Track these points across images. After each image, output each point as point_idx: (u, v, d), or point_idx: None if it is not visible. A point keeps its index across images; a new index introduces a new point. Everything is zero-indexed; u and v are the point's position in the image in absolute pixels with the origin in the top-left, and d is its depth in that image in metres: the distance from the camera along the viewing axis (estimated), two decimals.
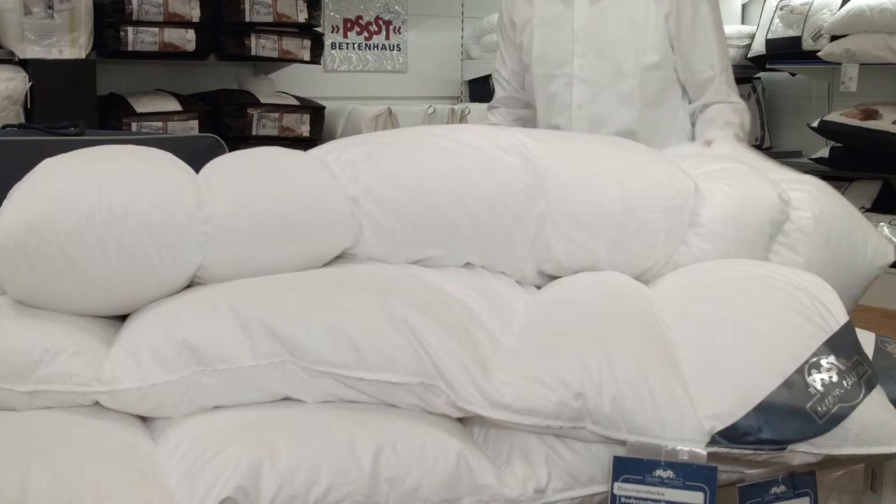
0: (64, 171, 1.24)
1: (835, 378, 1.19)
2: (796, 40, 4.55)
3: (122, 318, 1.27)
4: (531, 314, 1.31)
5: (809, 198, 1.53)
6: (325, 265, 1.35)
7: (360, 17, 4.36)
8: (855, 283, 1.57)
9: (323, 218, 1.30)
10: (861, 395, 1.18)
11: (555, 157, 1.42)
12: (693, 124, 2.33)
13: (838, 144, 4.26)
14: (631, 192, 1.41)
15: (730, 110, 2.33)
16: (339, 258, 1.36)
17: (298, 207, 1.29)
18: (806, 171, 1.70)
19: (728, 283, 1.34)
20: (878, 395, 1.20)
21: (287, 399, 1.17)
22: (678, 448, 1.13)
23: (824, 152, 4.29)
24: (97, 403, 1.15)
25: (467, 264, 1.39)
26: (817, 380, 1.18)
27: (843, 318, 1.28)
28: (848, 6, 4.23)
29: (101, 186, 1.21)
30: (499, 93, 2.59)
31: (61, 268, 1.18)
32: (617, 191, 1.40)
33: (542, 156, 1.41)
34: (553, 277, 1.43)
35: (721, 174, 1.53)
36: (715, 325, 1.25)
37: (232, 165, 1.36)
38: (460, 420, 1.19)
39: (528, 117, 2.49)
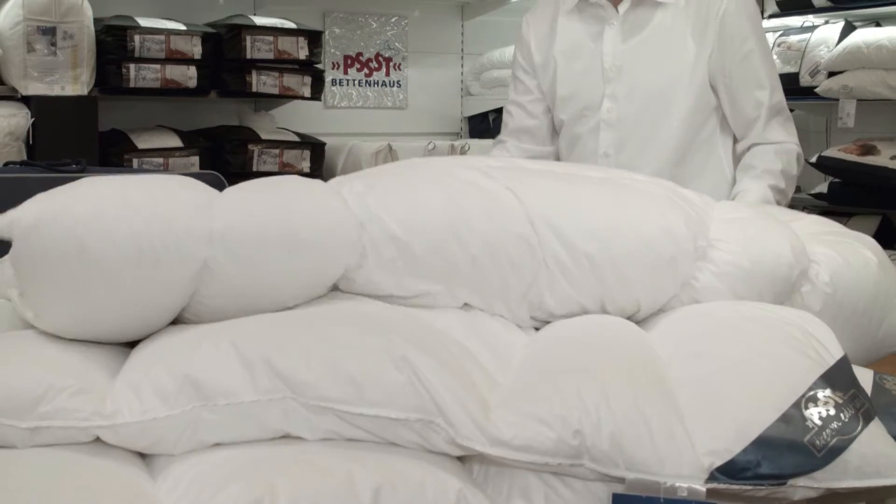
0: (81, 182, 1.29)
1: (832, 411, 1.19)
2: (794, 76, 4.57)
3: (128, 349, 1.28)
4: (529, 353, 1.31)
5: (831, 268, 1.49)
6: (326, 299, 1.35)
7: (360, 54, 4.40)
8: (856, 360, 1.48)
9: (329, 233, 1.31)
10: (859, 428, 1.18)
11: (552, 206, 1.41)
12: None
13: (837, 180, 4.27)
14: (623, 251, 1.39)
15: (772, 153, 2.14)
16: (340, 288, 1.37)
17: (305, 220, 1.30)
18: (805, 207, 1.68)
19: (723, 321, 1.35)
20: (876, 428, 1.20)
21: (287, 437, 1.17)
22: (677, 485, 1.13)
23: (823, 188, 4.30)
24: (98, 439, 1.15)
25: (465, 305, 1.39)
26: (814, 413, 1.18)
27: (838, 352, 1.28)
28: (845, 43, 4.26)
29: (118, 184, 1.26)
30: (510, 124, 2.37)
31: (71, 252, 1.19)
32: (610, 248, 1.38)
33: (536, 201, 1.40)
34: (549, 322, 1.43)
35: (739, 226, 1.49)
36: (711, 363, 1.25)
37: (243, 185, 1.39)
38: (460, 459, 1.19)
39: (541, 156, 2.28)
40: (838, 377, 1.23)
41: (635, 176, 1.63)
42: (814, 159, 4.26)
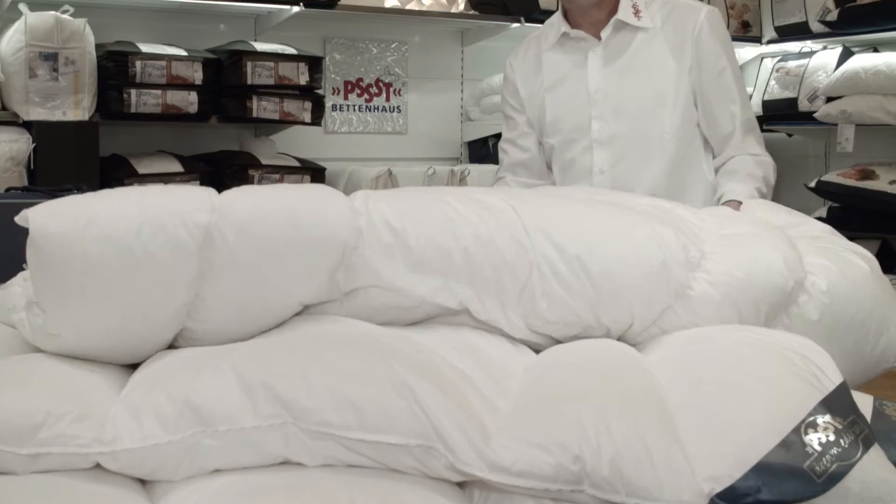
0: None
1: (832, 437, 1.18)
2: (792, 101, 4.60)
3: (128, 371, 1.28)
4: (529, 377, 1.31)
5: (828, 279, 1.50)
6: (327, 321, 1.36)
7: (360, 80, 4.42)
8: (854, 375, 1.52)
9: (325, 207, 1.34)
10: (859, 454, 1.18)
11: (547, 217, 1.44)
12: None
13: (836, 204, 4.29)
14: (613, 255, 1.41)
15: (752, 162, 2.26)
16: (342, 289, 1.37)
17: (302, 198, 1.34)
18: None
19: (723, 346, 1.35)
20: (876, 454, 1.20)
21: (287, 462, 1.17)
22: None
23: (822, 212, 4.31)
24: (98, 466, 1.15)
25: (465, 312, 1.40)
26: (814, 439, 1.18)
27: (837, 378, 1.28)
28: (843, 68, 4.29)
29: (119, 189, 1.32)
30: (505, 160, 2.49)
31: (78, 214, 1.22)
32: (600, 252, 1.41)
33: (531, 212, 1.43)
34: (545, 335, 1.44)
35: (733, 241, 1.51)
36: (711, 388, 1.26)
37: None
38: (460, 485, 1.19)
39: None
40: (838, 403, 1.23)
41: (632, 199, 1.67)
42: (813, 184, 4.27)
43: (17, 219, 1.23)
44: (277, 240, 1.29)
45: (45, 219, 1.22)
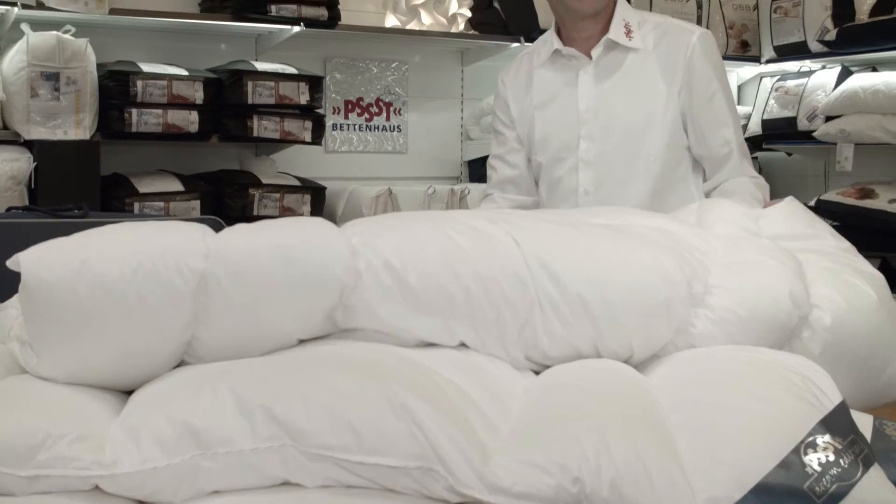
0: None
1: (831, 457, 1.18)
2: (792, 121, 4.61)
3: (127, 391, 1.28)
4: (529, 398, 1.31)
5: (833, 314, 1.48)
6: (325, 343, 1.36)
7: (360, 99, 4.43)
8: (856, 404, 1.47)
9: (322, 249, 1.33)
10: (859, 474, 1.17)
11: (548, 248, 1.42)
12: None
13: (836, 223, 4.28)
14: (615, 293, 1.40)
15: (751, 184, 2.24)
16: (340, 325, 1.37)
17: (299, 238, 1.33)
18: None
19: (722, 367, 1.35)
20: (876, 474, 1.20)
21: (286, 484, 1.17)
22: None
23: None
24: (97, 488, 1.15)
25: (462, 345, 1.39)
26: (814, 459, 1.18)
27: (836, 397, 1.28)
28: (842, 87, 4.30)
29: (117, 226, 1.32)
30: (493, 177, 2.50)
31: (75, 281, 1.21)
32: (602, 290, 1.39)
33: (533, 244, 1.42)
34: (545, 366, 1.43)
35: (739, 271, 1.49)
36: (710, 409, 1.25)
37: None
38: None
39: (527, 205, 2.37)
40: (837, 423, 1.23)
41: (640, 221, 1.64)
42: (813, 203, 4.28)
43: (9, 263, 1.23)
44: (274, 285, 1.29)
45: (37, 264, 1.22)
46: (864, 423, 1.31)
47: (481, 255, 1.38)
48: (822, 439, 1.20)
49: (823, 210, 4.25)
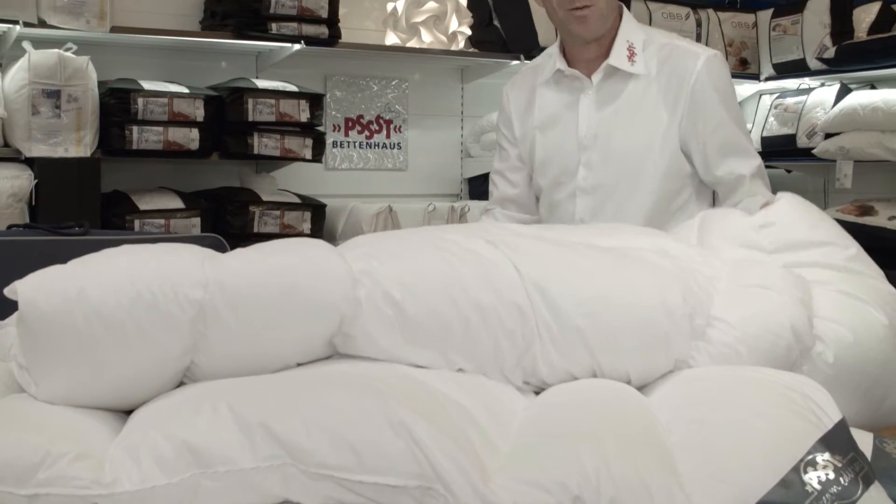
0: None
1: (831, 475, 1.18)
2: (791, 138, 4.62)
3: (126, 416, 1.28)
4: (529, 417, 1.31)
5: (837, 348, 1.47)
6: (324, 361, 1.36)
7: (361, 117, 4.44)
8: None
9: (322, 277, 1.32)
10: (859, 492, 1.17)
11: (548, 275, 1.41)
12: None
13: None
14: (614, 326, 1.39)
15: (762, 201, 2.11)
16: (340, 351, 1.37)
17: (299, 265, 1.33)
18: None
19: (721, 385, 1.35)
20: (876, 492, 1.19)
21: (286, 502, 1.16)
22: None
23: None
24: None
25: (459, 370, 1.39)
26: (814, 478, 1.18)
27: (836, 415, 1.28)
28: (841, 105, 4.31)
29: (115, 252, 1.31)
30: (494, 193, 2.47)
31: (72, 310, 1.21)
32: (601, 322, 1.39)
33: (533, 270, 1.41)
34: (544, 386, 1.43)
35: (744, 300, 1.48)
36: (710, 427, 1.25)
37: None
38: None
39: (528, 223, 2.26)
40: (837, 441, 1.23)
41: (644, 243, 1.62)
42: None
43: (6, 291, 1.23)
44: (273, 315, 1.29)
45: (34, 294, 1.22)
46: (864, 441, 1.31)
47: (482, 284, 1.37)
48: (822, 457, 1.20)
49: None
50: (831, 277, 1.59)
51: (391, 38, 4.21)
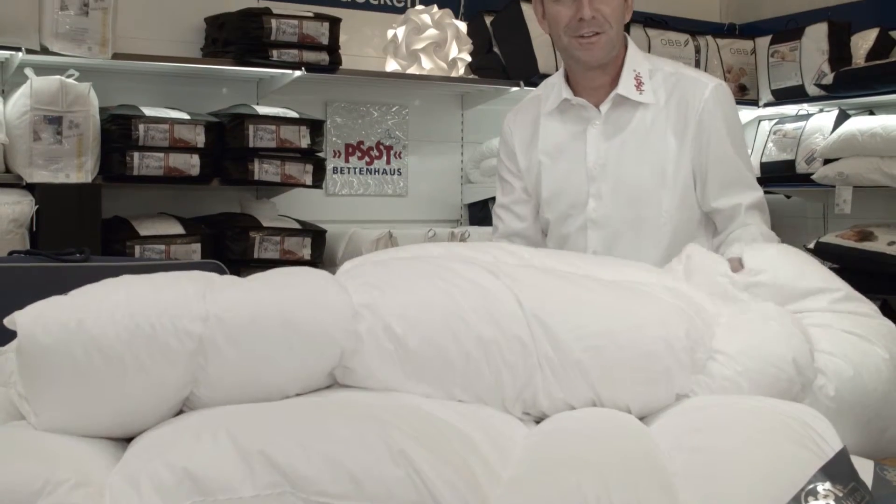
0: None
1: None
2: (790, 163, 4.63)
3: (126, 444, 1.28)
4: (530, 444, 1.31)
5: (839, 382, 1.46)
6: (325, 390, 1.35)
7: (361, 143, 4.45)
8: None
9: (323, 313, 1.32)
10: None
11: (550, 308, 1.41)
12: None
13: (835, 265, 4.29)
14: (616, 361, 1.39)
15: (758, 235, 2.15)
16: (339, 382, 1.37)
17: (299, 299, 1.33)
18: None
19: (722, 414, 1.35)
20: None
21: None
22: None
23: None
24: None
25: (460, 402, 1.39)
26: None
27: (837, 444, 1.28)
28: (839, 130, 4.32)
29: (115, 282, 1.31)
30: (500, 227, 2.43)
31: (67, 320, 1.21)
32: (603, 357, 1.38)
33: (535, 302, 1.41)
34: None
35: (745, 335, 1.47)
36: (711, 456, 1.25)
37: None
38: None
39: None
40: (838, 470, 1.22)
41: (648, 277, 1.61)
42: (812, 245, 4.29)
43: (6, 321, 1.24)
44: (273, 348, 1.30)
45: (33, 326, 1.23)
46: (865, 468, 1.30)
47: (483, 317, 1.37)
48: (823, 487, 1.19)
49: (823, 252, 4.26)
50: (826, 319, 1.59)
51: (391, 65, 4.23)
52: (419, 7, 4.27)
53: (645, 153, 2.19)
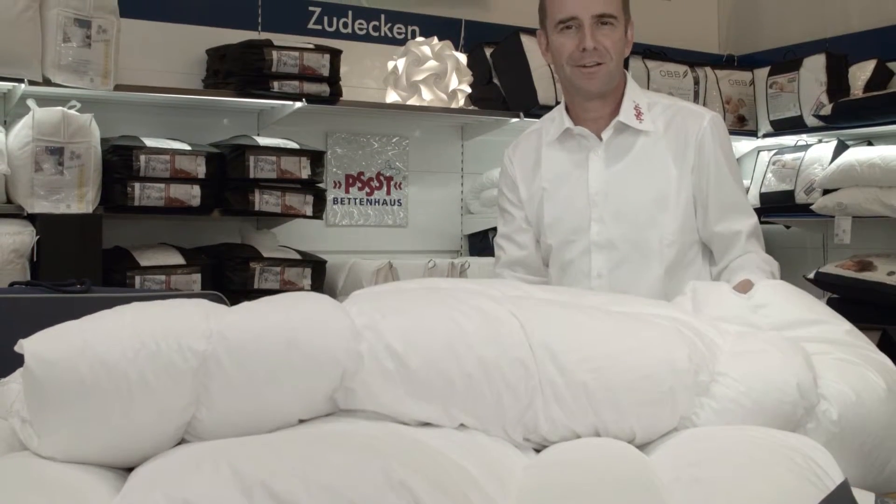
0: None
1: None
2: (789, 194, 4.65)
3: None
4: (529, 477, 1.30)
5: (841, 407, 1.45)
6: (325, 420, 1.35)
7: (361, 174, 4.46)
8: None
9: (325, 332, 1.33)
10: None
11: (553, 331, 1.41)
12: None
13: (835, 296, 4.29)
14: (620, 382, 1.39)
15: (760, 261, 2.22)
16: (340, 407, 1.37)
17: (302, 319, 1.33)
18: None
19: (723, 445, 1.34)
20: None
21: None
22: None
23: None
24: None
25: (461, 426, 1.39)
26: None
27: (838, 477, 1.27)
28: (838, 161, 4.34)
29: (119, 310, 1.31)
30: (502, 257, 2.47)
31: (73, 342, 1.22)
32: (606, 379, 1.38)
33: (538, 327, 1.41)
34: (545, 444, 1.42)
35: (748, 360, 1.47)
36: (711, 488, 1.24)
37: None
38: None
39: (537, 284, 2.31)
40: (839, 502, 1.22)
41: (649, 308, 1.63)
42: (811, 275, 4.29)
43: (16, 347, 1.24)
44: (276, 367, 1.30)
45: (39, 346, 1.23)
46: (866, 500, 1.30)
47: (485, 340, 1.38)
48: None
49: (823, 283, 4.26)
50: (828, 349, 1.60)
51: (392, 96, 4.25)
52: (419, 39, 4.30)
53: (646, 178, 2.25)
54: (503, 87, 4.45)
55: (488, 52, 4.51)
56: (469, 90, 4.34)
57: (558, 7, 2.25)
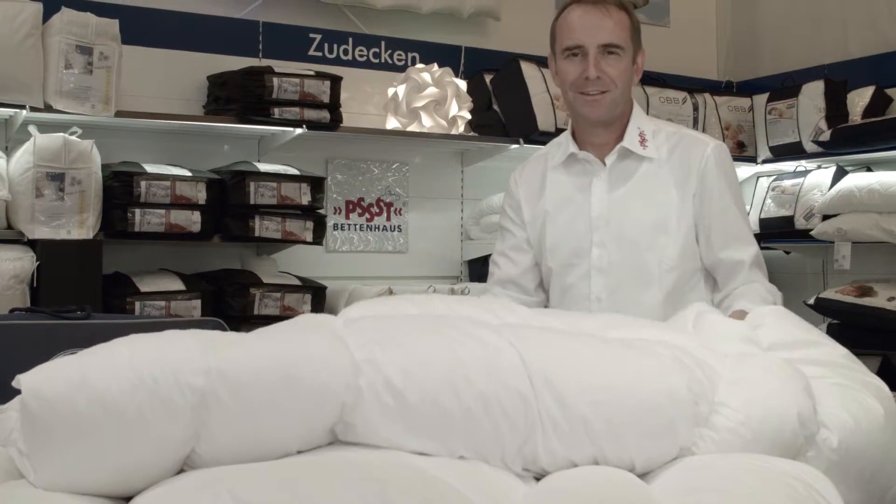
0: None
1: None
2: (789, 219, 4.65)
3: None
4: None
5: (841, 434, 1.45)
6: (325, 448, 1.35)
7: (361, 200, 4.47)
8: None
9: (323, 367, 1.33)
10: None
11: (552, 363, 1.41)
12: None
13: (835, 321, 4.29)
14: (620, 414, 1.38)
15: (763, 290, 2.23)
16: (341, 439, 1.36)
17: (301, 354, 1.33)
18: None
19: (724, 474, 1.33)
20: None
21: None
22: None
23: (822, 329, 4.30)
24: None
25: (460, 458, 1.38)
26: None
27: None
28: (837, 187, 4.34)
29: (117, 343, 1.30)
30: (496, 273, 2.48)
31: (70, 377, 1.21)
32: (606, 411, 1.38)
33: (538, 359, 1.41)
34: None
35: (748, 388, 1.47)
36: None
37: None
38: None
39: (529, 305, 2.26)
40: None
41: (647, 331, 1.63)
42: (811, 301, 4.29)
43: (13, 383, 1.24)
44: (274, 403, 1.30)
45: (37, 381, 1.23)
46: None
47: (484, 372, 1.37)
48: None
49: (823, 308, 4.26)
50: (826, 372, 1.60)
51: (392, 123, 4.26)
52: (419, 66, 4.31)
53: (648, 203, 2.26)
54: (503, 114, 4.46)
55: (488, 78, 4.53)
56: (469, 116, 4.35)
57: (566, 34, 2.28)
